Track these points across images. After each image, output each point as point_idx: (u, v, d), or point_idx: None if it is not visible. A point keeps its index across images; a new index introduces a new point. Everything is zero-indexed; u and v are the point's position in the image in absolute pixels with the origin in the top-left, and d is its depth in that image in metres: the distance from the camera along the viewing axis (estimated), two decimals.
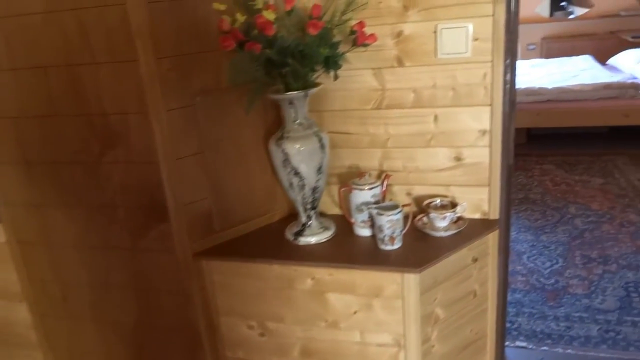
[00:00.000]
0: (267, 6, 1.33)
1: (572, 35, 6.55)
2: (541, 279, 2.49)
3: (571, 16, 6.72)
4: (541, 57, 6.61)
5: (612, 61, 5.37)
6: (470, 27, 1.42)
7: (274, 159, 1.49)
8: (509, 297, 2.37)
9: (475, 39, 1.43)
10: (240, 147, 1.57)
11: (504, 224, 1.60)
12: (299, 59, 1.35)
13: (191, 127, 1.46)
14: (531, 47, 6.76)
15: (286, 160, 1.44)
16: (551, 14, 6.86)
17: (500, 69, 1.43)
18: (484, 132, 1.51)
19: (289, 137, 1.44)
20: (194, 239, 1.53)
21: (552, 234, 2.93)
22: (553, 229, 2.99)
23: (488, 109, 1.48)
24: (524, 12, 6.76)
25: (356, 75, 1.56)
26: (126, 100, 1.39)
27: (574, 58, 5.53)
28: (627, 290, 2.34)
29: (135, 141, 1.43)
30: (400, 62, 1.51)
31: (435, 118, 1.53)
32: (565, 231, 2.94)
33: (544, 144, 4.48)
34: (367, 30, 1.41)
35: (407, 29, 1.47)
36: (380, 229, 1.43)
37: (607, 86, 4.07)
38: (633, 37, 5.66)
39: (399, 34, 1.48)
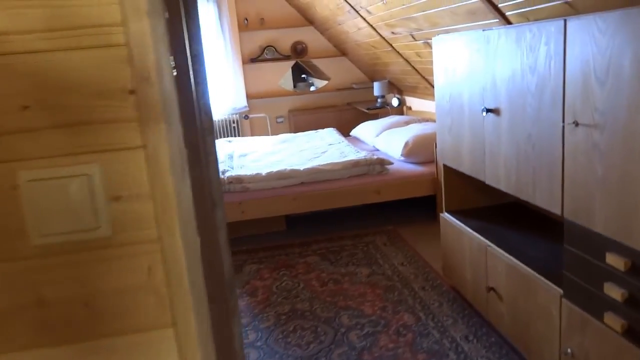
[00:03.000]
0: None
1: (316, 107, 6.66)
2: None
3: (312, 88, 6.89)
4: (290, 129, 6.52)
5: (354, 132, 5.47)
6: (97, 174, 0.64)
7: None
8: None
9: (116, 198, 0.65)
10: None
11: None
12: None
13: None
14: (280, 119, 6.65)
15: None
16: (294, 86, 6.94)
17: (178, 252, 0.68)
18: None
19: None
20: None
21: None
22: (329, 354, 2.41)
23: (171, 333, 0.70)
24: (269, 85, 6.67)
25: None
26: None
27: (321, 131, 5.47)
28: None
29: None
30: None
31: None
32: (342, 356, 2.38)
33: (305, 229, 4.07)
34: None
35: None
36: None
37: (356, 164, 3.90)
38: (368, 109, 5.92)
39: None
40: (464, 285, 2.63)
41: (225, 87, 6.30)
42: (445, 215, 2.77)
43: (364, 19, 4.51)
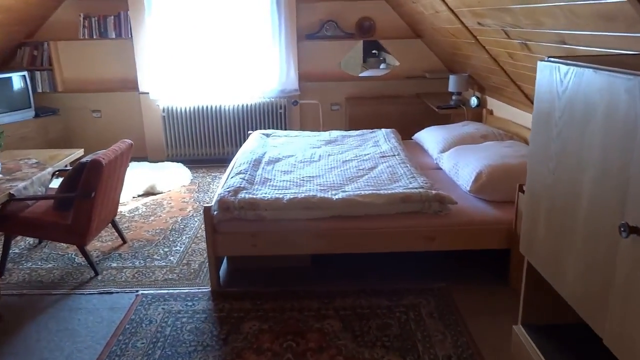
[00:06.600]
0: None
1: (378, 96, 5.67)
2: None
3: (382, 66, 5.90)
4: (344, 120, 5.62)
5: (418, 137, 4.47)
6: None
7: None
8: None
9: None
10: None
11: None
12: None
13: None
14: (335, 107, 5.74)
15: None
16: (358, 70, 5.95)
17: None
18: None
19: None
20: None
21: None
22: None
23: None
24: (325, 67, 5.73)
25: None
26: None
27: (377, 133, 4.50)
28: None
29: None
30: None
31: None
32: None
33: (333, 271, 3.22)
34: None
35: None
36: None
37: (406, 198, 2.95)
38: (439, 107, 4.85)
39: None
40: None
41: (273, 66, 5.44)
42: (521, 331, 1.81)
43: (444, 0, 3.43)
